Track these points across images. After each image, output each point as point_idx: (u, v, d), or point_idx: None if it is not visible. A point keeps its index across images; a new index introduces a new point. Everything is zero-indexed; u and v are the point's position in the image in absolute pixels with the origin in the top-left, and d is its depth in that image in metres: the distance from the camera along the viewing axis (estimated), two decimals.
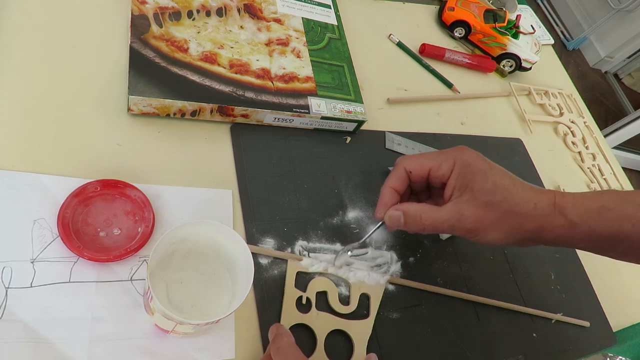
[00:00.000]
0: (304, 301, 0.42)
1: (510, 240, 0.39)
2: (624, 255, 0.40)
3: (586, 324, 0.55)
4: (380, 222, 0.43)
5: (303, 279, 0.43)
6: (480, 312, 0.50)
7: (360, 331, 0.43)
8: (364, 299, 0.45)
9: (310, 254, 0.45)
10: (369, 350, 0.42)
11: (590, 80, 2.67)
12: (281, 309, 0.41)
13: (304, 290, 0.43)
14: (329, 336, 0.41)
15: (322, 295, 0.43)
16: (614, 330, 0.58)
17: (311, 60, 0.54)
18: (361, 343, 0.42)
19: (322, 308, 0.43)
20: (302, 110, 0.50)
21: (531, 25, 0.86)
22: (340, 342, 0.42)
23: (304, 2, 0.60)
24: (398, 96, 0.63)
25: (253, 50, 0.51)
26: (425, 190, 0.45)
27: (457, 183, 0.39)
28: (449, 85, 0.70)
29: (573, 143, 0.77)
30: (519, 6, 0.90)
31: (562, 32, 2.78)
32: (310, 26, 0.58)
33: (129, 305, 0.36)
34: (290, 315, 0.41)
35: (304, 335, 0.41)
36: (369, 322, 0.43)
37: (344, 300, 0.44)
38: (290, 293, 0.42)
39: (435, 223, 0.39)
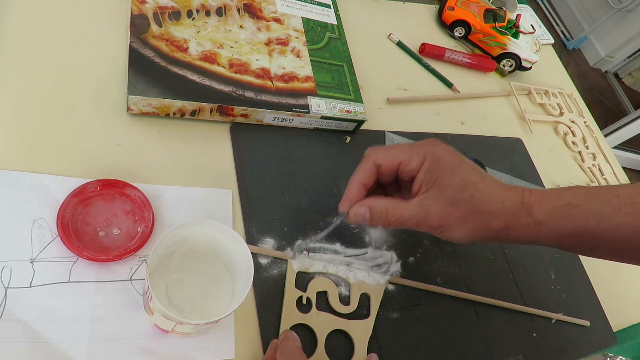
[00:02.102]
0: (304, 301, 0.42)
1: (475, 238, 0.38)
2: (592, 252, 0.39)
3: (587, 323, 0.55)
4: (344, 217, 0.41)
5: (303, 279, 0.43)
6: (480, 312, 0.50)
7: (361, 331, 0.43)
8: (365, 299, 0.45)
9: (310, 254, 0.45)
10: (369, 350, 0.42)
11: (591, 80, 2.67)
12: (282, 309, 0.41)
13: (305, 291, 0.42)
14: (330, 336, 0.41)
15: (322, 296, 0.43)
16: (614, 331, 0.58)
17: (311, 60, 0.54)
18: (362, 343, 0.42)
19: (323, 308, 0.43)
20: (302, 110, 0.50)
21: (531, 25, 0.86)
22: (341, 342, 0.42)
23: (304, 2, 0.60)
24: (398, 96, 0.63)
25: (253, 50, 0.51)
26: (394, 183, 0.44)
27: (425, 178, 0.37)
28: (449, 85, 0.70)
29: (573, 143, 0.77)
30: (519, 6, 0.90)
31: (562, 32, 2.78)
32: (310, 26, 0.58)
33: (129, 305, 0.36)
34: (291, 316, 0.41)
35: (304, 335, 0.41)
36: (370, 322, 0.43)
37: (345, 301, 0.44)
38: (291, 293, 0.42)
39: (401, 219, 0.38)
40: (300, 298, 0.42)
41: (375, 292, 0.45)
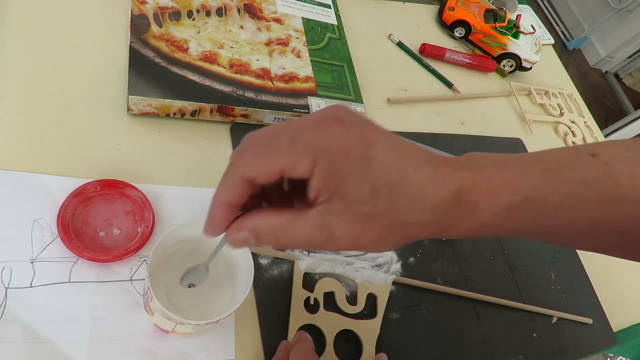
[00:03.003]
0: (311, 302, 0.42)
1: (400, 246, 0.30)
2: (546, 240, 0.32)
3: (589, 320, 0.55)
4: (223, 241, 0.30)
5: (310, 280, 0.43)
6: (481, 312, 0.50)
7: (369, 330, 0.43)
8: (371, 298, 0.45)
9: (311, 254, 0.45)
10: (376, 349, 0.42)
11: (591, 80, 2.67)
12: (286, 309, 0.41)
13: (312, 291, 0.43)
14: (338, 336, 0.42)
15: (329, 296, 0.43)
16: (614, 330, 0.58)
17: (311, 60, 0.54)
18: (370, 342, 0.42)
19: (330, 308, 0.43)
20: (302, 110, 0.50)
21: (531, 25, 0.86)
22: (348, 342, 0.42)
23: (304, 2, 0.60)
24: (398, 96, 0.63)
25: (253, 50, 0.51)
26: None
27: (322, 185, 0.26)
28: (449, 85, 0.70)
29: (573, 143, 0.77)
30: (519, 6, 0.90)
31: (562, 32, 2.78)
32: (310, 26, 0.58)
33: (129, 305, 0.36)
34: (298, 316, 0.41)
35: (313, 335, 0.41)
36: (377, 321, 0.43)
37: (351, 300, 0.44)
38: (298, 294, 0.42)
39: (297, 242, 0.27)
40: (308, 298, 0.42)
41: (381, 291, 0.45)
